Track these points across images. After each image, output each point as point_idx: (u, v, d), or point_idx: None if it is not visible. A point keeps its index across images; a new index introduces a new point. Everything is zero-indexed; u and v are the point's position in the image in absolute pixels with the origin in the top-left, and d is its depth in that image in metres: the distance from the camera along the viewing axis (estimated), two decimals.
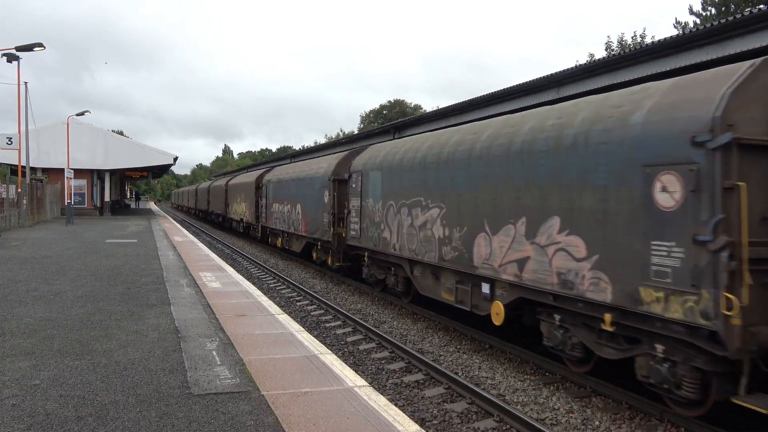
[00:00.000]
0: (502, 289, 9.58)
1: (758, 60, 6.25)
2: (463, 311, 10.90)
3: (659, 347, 6.86)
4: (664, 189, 6.44)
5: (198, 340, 7.82)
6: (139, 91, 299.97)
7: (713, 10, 36.50)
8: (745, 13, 10.20)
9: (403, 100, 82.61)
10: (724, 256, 5.81)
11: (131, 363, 6.73)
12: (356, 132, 61.87)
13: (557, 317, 8.54)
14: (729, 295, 5.77)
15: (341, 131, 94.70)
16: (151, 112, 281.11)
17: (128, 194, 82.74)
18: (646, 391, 7.64)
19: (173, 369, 6.53)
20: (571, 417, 7.44)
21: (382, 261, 14.41)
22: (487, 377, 9.03)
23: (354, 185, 15.63)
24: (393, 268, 14.02)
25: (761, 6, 10.18)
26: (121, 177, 58.43)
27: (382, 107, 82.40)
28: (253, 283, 16.14)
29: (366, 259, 15.29)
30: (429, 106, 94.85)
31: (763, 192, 6.08)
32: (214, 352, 7.26)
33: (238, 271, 18.23)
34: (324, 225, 18.18)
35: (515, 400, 8.04)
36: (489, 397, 7.76)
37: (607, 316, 7.33)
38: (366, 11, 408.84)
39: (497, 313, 9.54)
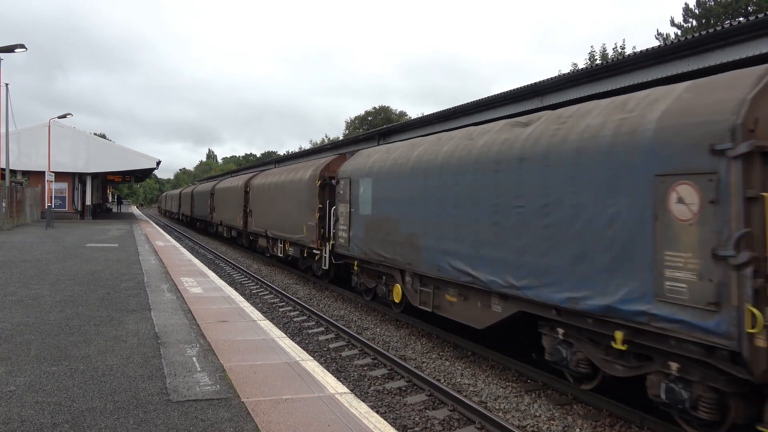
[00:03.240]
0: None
1: None
2: (446, 321, 10.89)
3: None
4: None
5: (178, 346, 7.74)
6: (115, 93, 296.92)
7: (694, 22, 37.06)
8: (725, 26, 10.36)
9: (387, 107, 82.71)
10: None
11: (110, 369, 6.64)
12: (341, 138, 61.87)
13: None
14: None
15: (326, 137, 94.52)
16: (128, 115, 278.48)
17: (110, 198, 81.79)
18: (624, 398, 7.70)
19: (152, 375, 6.46)
20: (552, 424, 7.46)
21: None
22: (469, 384, 9.03)
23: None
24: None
25: (741, 19, 10.34)
26: (103, 181, 57.79)
27: (368, 113, 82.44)
28: (236, 289, 16.06)
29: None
30: (411, 112, 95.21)
31: None
32: (194, 359, 7.19)
33: (220, 276, 18.12)
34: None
35: (497, 407, 8.05)
36: (471, 404, 7.76)
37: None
38: (345, 17, 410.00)
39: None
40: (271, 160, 53.53)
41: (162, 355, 7.25)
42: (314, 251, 17.89)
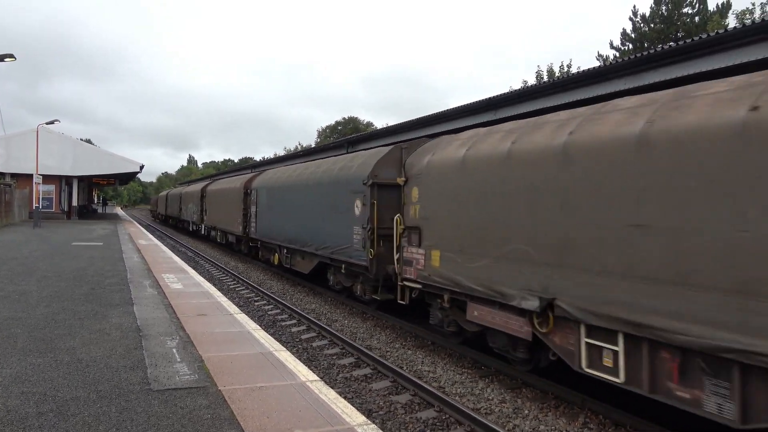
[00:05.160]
0: None
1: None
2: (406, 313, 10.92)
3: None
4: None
5: (159, 339, 7.58)
6: (99, 101, 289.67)
7: (630, 45, 37.99)
8: (658, 49, 10.63)
9: (356, 117, 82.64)
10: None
11: (93, 360, 6.47)
12: (313, 145, 61.60)
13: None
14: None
15: (299, 144, 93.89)
16: (111, 121, 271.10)
17: (96, 200, 79.63)
18: (570, 382, 7.82)
19: (134, 366, 6.31)
20: (504, 407, 7.54)
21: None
22: (429, 371, 9.06)
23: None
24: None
25: (672, 43, 10.62)
26: (89, 183, 56.41)
27: (338, 123, 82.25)
28: (214, 285, 15.82)
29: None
30: (377, 122, 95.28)
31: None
32: (174, 350, 7.05)
33: (199, 273, 17.82)
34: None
35: (454, 392, 8.10)
36: (430, 389, 7.79)
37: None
38: (312, 33, 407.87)
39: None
40: (265, 161, 50.46)
41: (144, 347, 7.09)
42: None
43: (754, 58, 8.56)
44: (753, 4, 37.70)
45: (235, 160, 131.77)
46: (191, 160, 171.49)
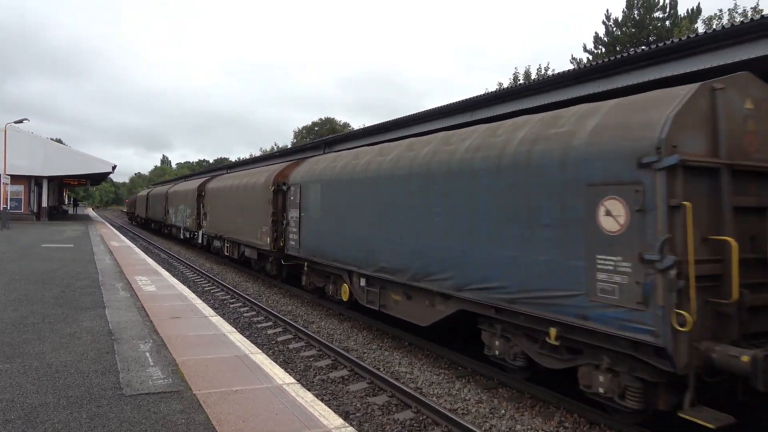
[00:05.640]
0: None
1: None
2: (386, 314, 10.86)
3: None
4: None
5: (131, 342, 7.44)
6: (69, 99, 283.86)
7: (603, 49, 38.60)
8: (631, 53, 10.80)
9: (332, 118, 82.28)
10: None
11: (63, 365, 6.31)
12: (289, 146, 61.23)
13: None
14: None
15: (275, 145, 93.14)
16: (82, 121, 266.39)
17: (66, 200, 77.91)
18: (543, 382, 7.88)
19: (106, 371, 6.18)
20: (480, 407, 7.57)
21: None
22: (406, 372, 9.06)
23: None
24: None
25: (643, 47, 10.81)
26: (60, 183, 55.22)
27: (314, 124, 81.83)
28: (188, 287, 15.59)
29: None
30: (353, 123, 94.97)
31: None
32: (147, 354, 6.92)
33: (173, 275, 17.56)
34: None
35: (431, 393, 8.10)
36: (408, 390, 7.79)
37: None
38: (286, 34, 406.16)
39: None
40: (222, 166, 49.89)
41: (116, 351, 6.95)
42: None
43: (723, 62, 8.75)
44: (720, 10, 38.66)
45: (210, 161, 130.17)
46: (165, 161, 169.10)
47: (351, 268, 11.67)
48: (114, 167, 44.31)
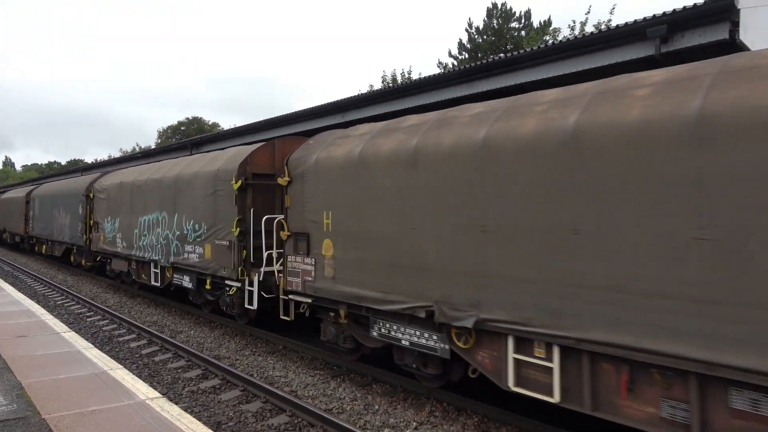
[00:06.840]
0: None
1: None
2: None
3: None
4: None
5: None
6: None
7: (466, 55, 40.82)
8: (489, 60, 11.54)
9: (201, 118, 78.78)
10: None
11: None
12: (153, 147, 57.76)
13: None
14: None
15: (137, 146, 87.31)
16: None
17: None
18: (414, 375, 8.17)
19: None
20: (355, 404, 7.68)
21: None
22: (280, 376, 8.95)
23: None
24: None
25: (502, 55, 11.58)
26: None
27: (180, 123, 77.89)
28: (38, 302, 14.20)
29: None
30: (223, 122, 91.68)
31: None
32: None
33: (19, 289, 15.87)
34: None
35: (306, 395, 8.08)
36: (282, 394, 7.71)
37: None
38: (149, 28, 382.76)
39: None
40: (51, 174, 46.33)
41: None
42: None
43: (567, 71, 9.69)
44: (574, 21, 42.48)
45: (63, 162, 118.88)
46: (7, 162, 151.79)
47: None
48: None
